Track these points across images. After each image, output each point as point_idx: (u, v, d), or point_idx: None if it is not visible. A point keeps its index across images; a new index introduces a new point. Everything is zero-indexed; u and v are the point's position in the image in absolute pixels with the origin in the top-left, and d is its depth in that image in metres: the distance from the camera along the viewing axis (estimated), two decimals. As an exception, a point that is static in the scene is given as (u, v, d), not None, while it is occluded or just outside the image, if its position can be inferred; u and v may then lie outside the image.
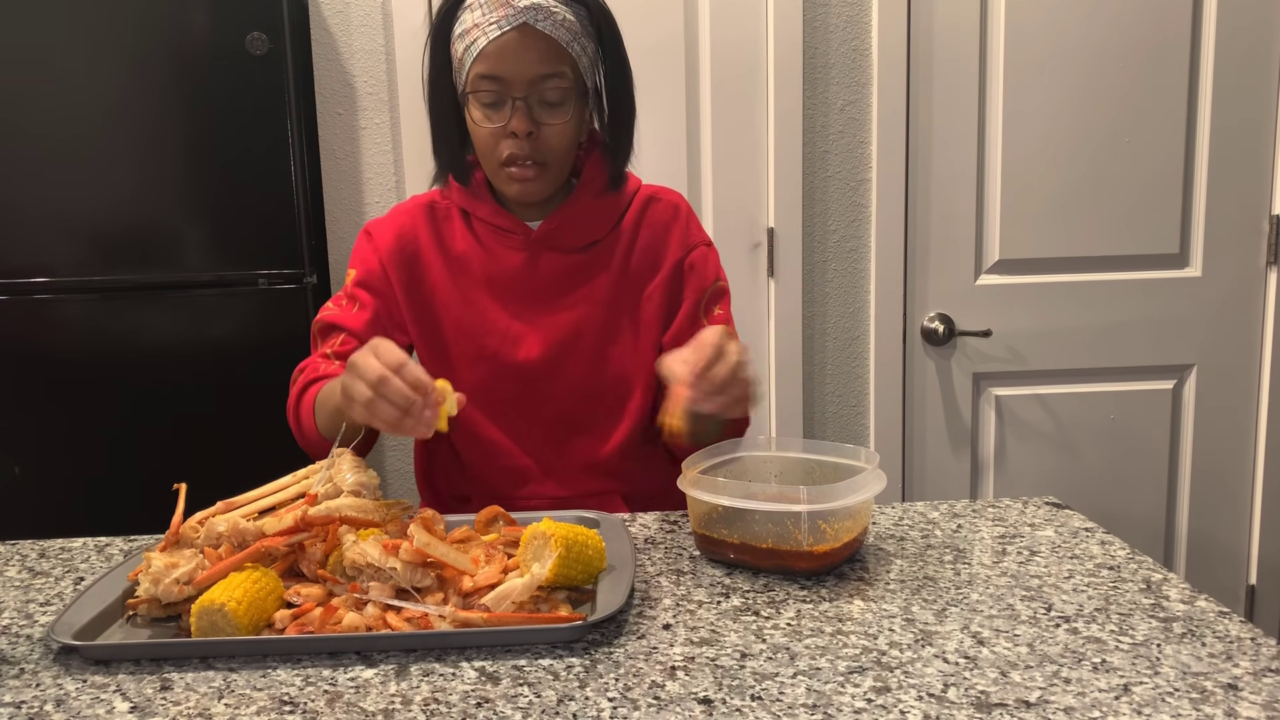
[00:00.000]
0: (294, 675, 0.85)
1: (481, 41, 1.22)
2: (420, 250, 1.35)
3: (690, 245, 1.39)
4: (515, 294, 1.34)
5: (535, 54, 1.23)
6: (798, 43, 2.22)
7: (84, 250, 1.94)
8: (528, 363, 1.33)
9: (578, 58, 1.26)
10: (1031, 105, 2.25)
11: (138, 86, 1.91)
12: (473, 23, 1.23)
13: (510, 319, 1.34)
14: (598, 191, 1.36)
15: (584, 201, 1.35)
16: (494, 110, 1.26)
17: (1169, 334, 2.36)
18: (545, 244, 1.34)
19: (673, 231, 1.38)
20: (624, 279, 1.36)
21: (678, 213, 1.40)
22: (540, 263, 1.34)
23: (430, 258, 1.35)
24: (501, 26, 1.22)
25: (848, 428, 2.38)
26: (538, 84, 1.24)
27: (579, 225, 1.35)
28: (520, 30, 1.22)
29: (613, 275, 1.35)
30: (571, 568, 0.96)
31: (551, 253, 1.34)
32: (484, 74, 1.24)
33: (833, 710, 0.77)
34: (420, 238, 1.36)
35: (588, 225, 1.35)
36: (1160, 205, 2.31)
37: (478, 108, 1.26)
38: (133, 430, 1.98)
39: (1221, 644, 0.87)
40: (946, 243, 2.31)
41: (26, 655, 0.91)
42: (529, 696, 0.80)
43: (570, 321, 1.34)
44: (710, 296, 1.39)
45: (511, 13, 1.21)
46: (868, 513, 1.09)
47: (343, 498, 1.03)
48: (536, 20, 1.22)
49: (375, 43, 2.18)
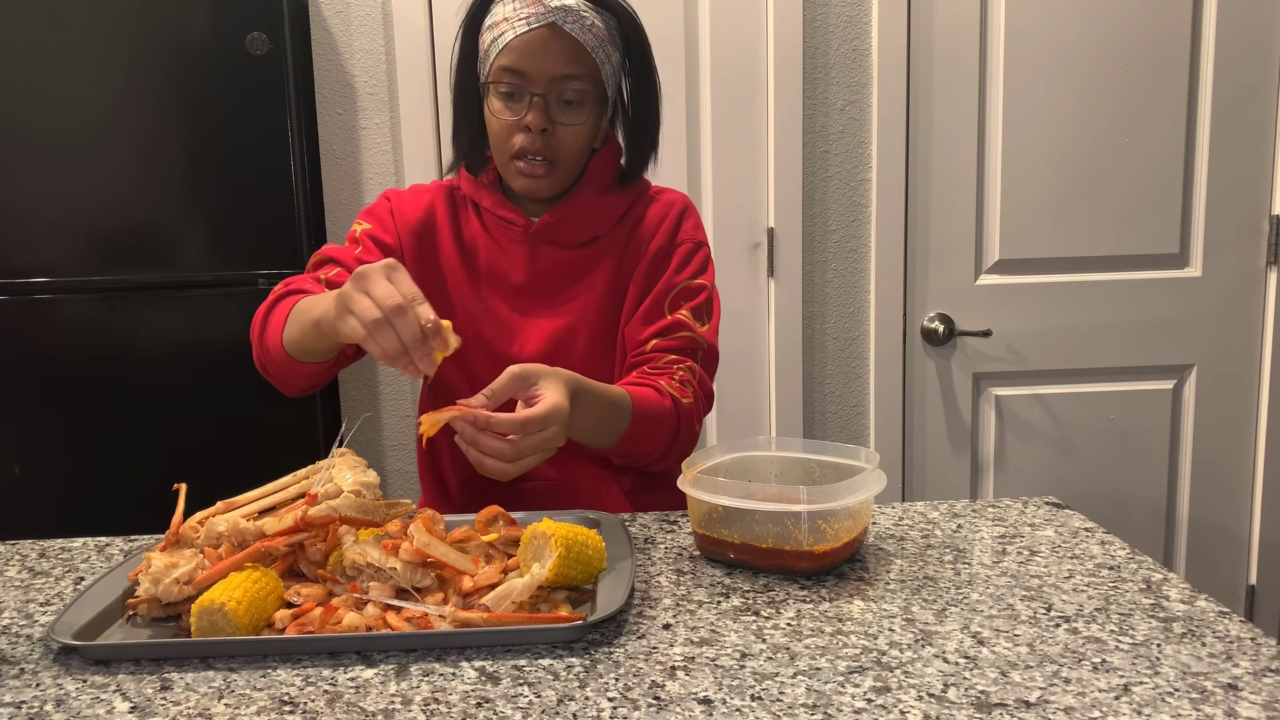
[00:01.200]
0: (294, 675, 0.85)
1: (509, 35, 1.25)
2: (437, 228, 1.37)
3: (677, 241, 1.37)
4: (515, 286, 1.35)
5: (559, 53, 1.25)
6: (798, 43, 2.22)
7: (84, 250, 1.94)
8: (524, 357, 1.31)
9: (601, 64, 1.28)
10: (1031, 105, 2.25)
11: (137, 86, 1.91)
12: (503, 16, 1.26)
13: (509, 311, 1.35)
14: (600, 188, 1.36)
15: (585, 197, 1.35)
16: (512, 102, 1.28)
17: (1169, 334, 2.36)
18: (544, 238, 1.35)
19: (664, 223, 1.38)
20: (619, 275, 1.36)
21: (673, 208, 1.39)
22: (539, 256, 1.35)
23: (445, 238, 1.37)
24: (530, 23, 1.24)
25: (848, 428, 2.38)
26: (558, 83, 1.26)
27: (578, 221, 1.35)
28: (548, 29, 1.24)
29: (609, 272, 1.35)
30: (571, 568, 0.96)
31: (550, 247, 1.35)
32: (507, 66, 1.26)
33: (833, 710, 0.77)
34: (438, 217, 1.37)
35: (587, 221, 1.35)
36: (1160, 205, 2.31)
37: (497, 98, 1.29)
38: (133, 430, 1.98)
39: (1221, 644, 0.87)
40: (946, 243, 2.31)
41: (26, 655, 0.91)
42: (529, 696, 0.80)
43: (567, 318, 1.34)
44: (680, 292, 1.35)
45: (542, 11, 1.24)
46: (868, 513, 1.09)
47: (343, 498, 1.03)
48: (565, 21, 1.24)
49: (375, 43, 2.18)
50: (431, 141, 2.21)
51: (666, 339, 1.32)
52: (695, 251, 1.38)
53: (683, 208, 1.40)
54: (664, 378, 1.30)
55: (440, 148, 2.21)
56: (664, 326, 1.32)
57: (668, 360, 1.32)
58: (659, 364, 1.32)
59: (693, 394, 1.31)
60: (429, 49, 2.18)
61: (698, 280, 1.37)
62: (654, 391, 1.27)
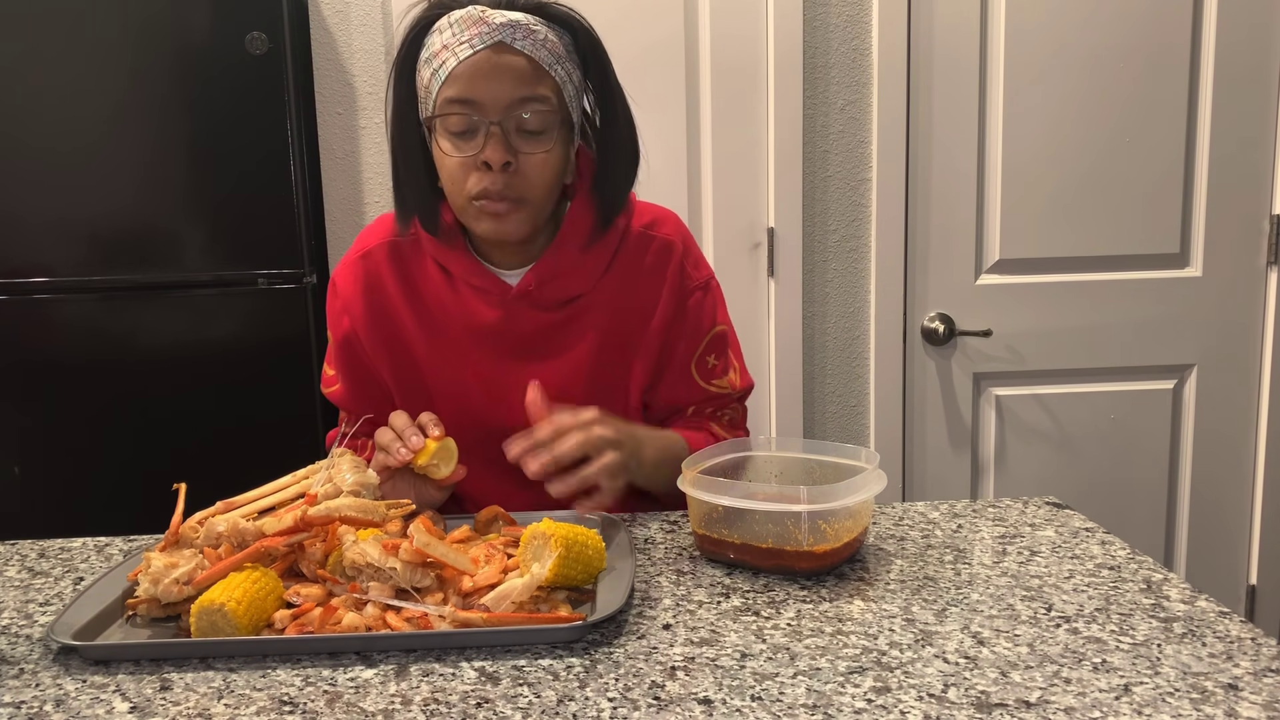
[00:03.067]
0: (294, 675, 0.85)
1: (451, 62, 1.10)
2: (389, 302, 1.25)
3: (686, 291, 1.27)
4: (495, 349, 1.23)
5: (513, 74, 1.10)
6: (798, 43, 2.22)
7: (84, 250, 1.94)
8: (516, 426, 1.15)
9: (562, 83, 1.14)
10: (1032, 105, 2.25)
11: (137, 86, 1.91)
12: (441, 44, 1.11)
13: (491, 377, 1.23)
14: (581, 244, 1.22)
15: (566, 255, 1.22)
16: (464, 140, 1.12)
17: (1169, 334, 2.36)
18: (525, 301, 1.22)
19: (666, 277, 1.25)
20: (612, 335, 1.24)
21: (671, 253, 1.26)
22: (519, 320, 1.22)
23: (400, 312, 1.24)
24: (474, 45, 1.09)
25: (848, 428, 2.38)
26: (515, 108, 1.11)
27: (560, 282, 1.22)
28: (495, 49, 1.09)
29: (599, 333, 1.23)
30: (571, 568, 0.96)
31: (532, 310, 1.22)
32: (454, 97, 1.10)
33: (833, 710, 0.77)
34: (388, 287, 1.24)
35: (570, 281, 1.22)
36: (1160, 205, 2.31)
37: (446, 137, 1.13)
38: (133, 430, 1.98)
39: (1222, 644, 0.87)
40: (946, 243, 2.31)
41: (26, 655, 0.91)
42: (529, 696, 0.80)
43: (555, 383, 1.21)
44: (706, 346, 1.29)
45: (486, 30, 1.09)
46: (868, 513, 1.09)
47: (343, 498, 1.03)
48: (515, 39, 1.10)
49: (375, 43, 2.18)
50: (431, 141, 2.21)
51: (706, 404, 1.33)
52: (705, 296, 1.29)
53: (681, 251, 1.27)
54: (713, 423, 1.32)
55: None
56: (703, 400, 1.32)
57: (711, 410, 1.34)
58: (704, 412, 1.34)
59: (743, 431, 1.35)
60: (429, 49, 2.18)
61: (718, 328, 1.30)
62: (708, 436, 1.29)
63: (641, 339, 1.26)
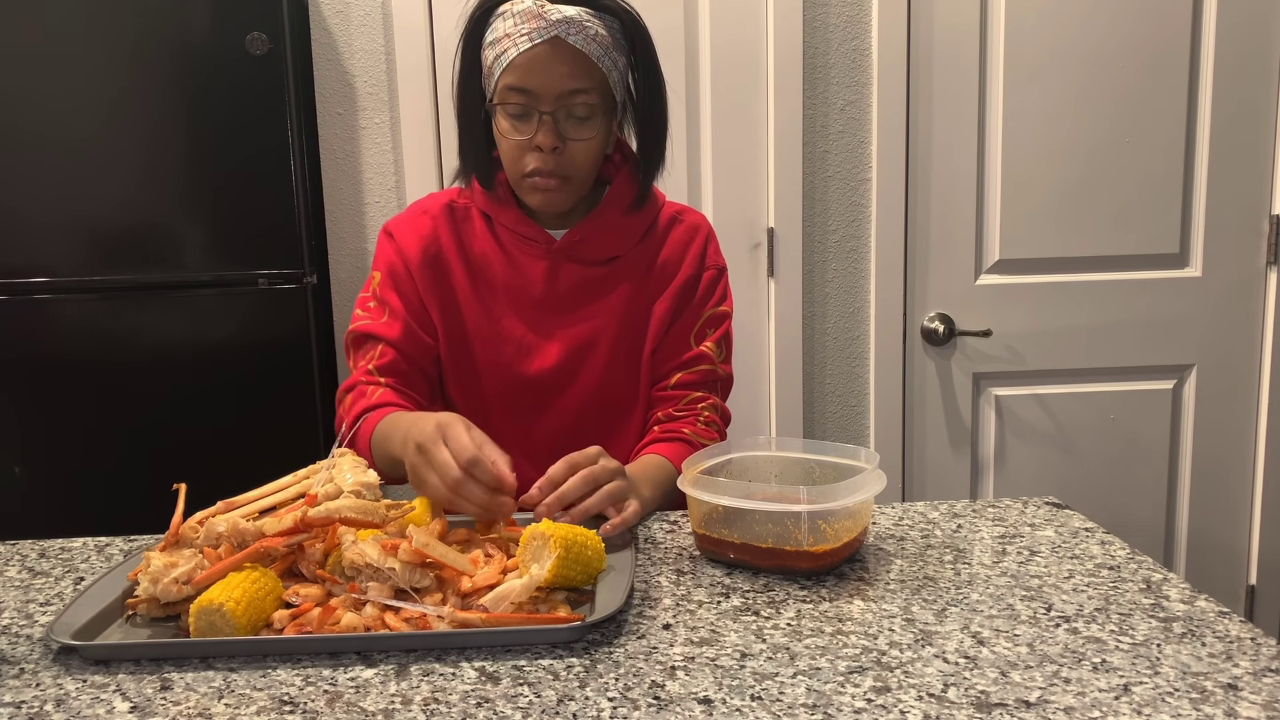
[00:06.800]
0: (294, 675, 0.85)
1: (512, 52, 1.23)
2: (443, 253, 1.36)
3: (704, 267, 1.40)
4: (533, 303, 1.35)
5: (565, 68, 1.23)
6: (798, 43, 2.22)
7: (84, 250, 1.94)
8: (541, 372, 1.34)
9: (608, 72, 1.26)
10: (1031, 105, 2.25)
11: (137, 86, 1.91)
12: (504, 32, 1.24)
13: (526, 329, 1.35)
14: (624, 208, 1.36)
15: (610, 217, 1.36)
16: (521, 122, 1.26)
17: (1169, 334, 2.36)
18: (567, 255, 1.35)
19: (690, 250, 1.39)
20: (639, 295, 1.37)
21: (699, 231, 1.41)
22: (560, 273, 1.35)
23: (453, 262, 1.36)
24: (533, 39, 1.22)
25: (848, 428, 2.38)
26: (566, 99, 1.24)
27: (602, 239, 1.36)
28: (551, 44, 1.22)
29: (629, 291, 1.36)
30: (571, 568, 0.96)
31: (572, 264, 1.35)
32: (513, 85, 1.24)
33: (833, 710, 0.77)
34: (443, 241, 1.36)
35: (611, 240, 1.36)
36: (1160, 205, 2.31)
37: (505, 118, 1.27)
38: (133, 430, 1.98)
39: (1221, 644, 0.87)
40: (946, 243, 2.31)
41: (26, 655, 0.91)
42: (529, 696, 0.80)
43: (585, 334, 1.35)
44: (707, 321, 1.40)
45: (544, 25, 1.21)
46: (868, 513, 1.09)
47: (343, 498, 1.03)
48: (569, 34, 1.22)
49: (375, 43, 2.18)
50: (432, 141, 2.21)
51: (689, 372, 1.38)
52: (719, 278, 1.42)
53: (707, 233, 1.42)
54: (689, 424, 1.37)
55: (440, 148, 2.21)
56: (688, 360, 1.38)
57: (691, 399, 1.38)
58: (682, 404, 1.38)
59: (717, 432, 1.39)
60: (429, 49, 2.18)
61: (721, 308, 1.41)
62: (685, 446, 1.34)
63: (660, 295, 1.38)
